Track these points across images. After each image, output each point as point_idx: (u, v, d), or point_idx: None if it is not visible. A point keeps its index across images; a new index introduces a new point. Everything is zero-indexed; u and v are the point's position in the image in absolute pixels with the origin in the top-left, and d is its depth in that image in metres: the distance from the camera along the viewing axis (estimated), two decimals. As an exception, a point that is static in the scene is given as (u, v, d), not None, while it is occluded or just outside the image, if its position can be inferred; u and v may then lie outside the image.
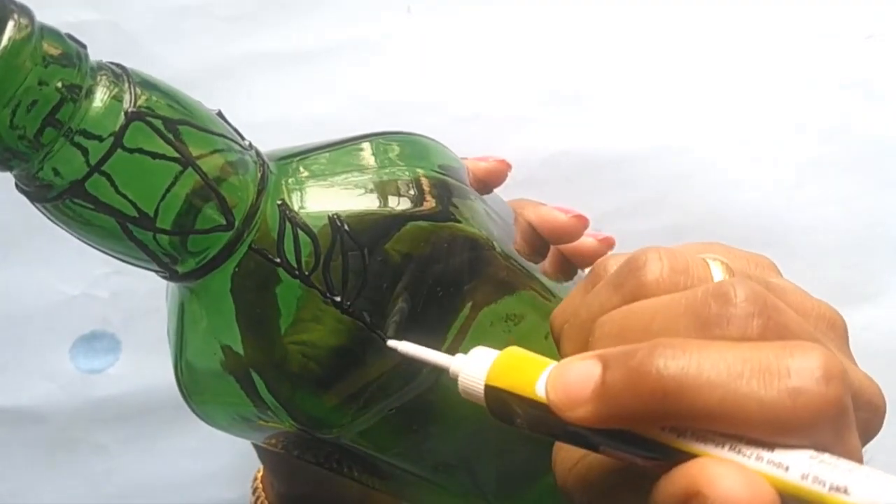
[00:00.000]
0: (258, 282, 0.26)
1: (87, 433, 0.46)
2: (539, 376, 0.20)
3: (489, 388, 0.21)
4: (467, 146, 0.43)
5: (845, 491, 0.16)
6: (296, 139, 0.44)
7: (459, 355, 0.22)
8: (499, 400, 0.21)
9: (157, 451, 0.46)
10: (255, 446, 0.37)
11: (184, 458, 0.46)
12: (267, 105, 0.44)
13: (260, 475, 0.41)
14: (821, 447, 0.17)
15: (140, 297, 0.45)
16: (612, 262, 0.23)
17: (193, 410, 0.30)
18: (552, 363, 0.20)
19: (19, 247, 0.45)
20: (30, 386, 0.45)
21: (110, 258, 0.45)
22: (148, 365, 0.44)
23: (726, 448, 0.17)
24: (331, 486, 0.37)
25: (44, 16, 0.23)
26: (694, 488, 0.16)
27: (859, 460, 0.18)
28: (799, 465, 0.17)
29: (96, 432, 0.46)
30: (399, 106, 0.44)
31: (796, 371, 0.17)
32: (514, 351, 0.21)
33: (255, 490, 0.40)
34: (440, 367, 0.23)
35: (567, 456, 0.22)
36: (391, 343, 0.24)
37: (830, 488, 0.16)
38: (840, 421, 0.17)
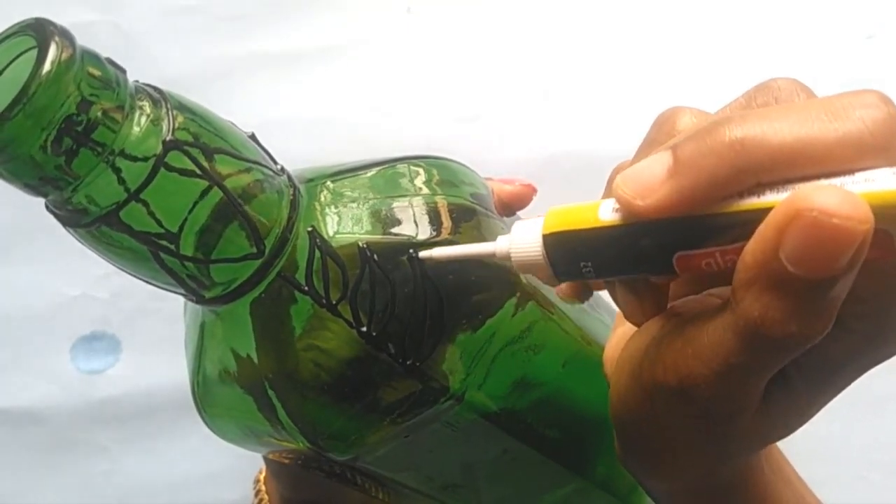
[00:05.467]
0: (277, 302, 0.26)
1: (87, 434, 0.46)
2: (598, 208, 0.19)
3: (549, 238, 0.20)
4: (467, 146, 0.43)
5: None
6: (295, 139, 0.44)
7: (499, 237, 0.22)
8: (561, 246, 0.20)
9: (157, 451, 0.46)
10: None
11: (184, 458, 0.46)
12: (266, 105, 0.44)
13: (262, 476, 0.41)
14: (895, 165, 0.17)
15: (140, 298, 0.45)
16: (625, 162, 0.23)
17: (207, 424, 0.30)
18: (605, 200, 0.20)
19: (19, 247, 0.45)
20: (30, 386, 0.45)
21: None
22: (148, 365, 0.44)
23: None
24: (336, 493, 0.37)
25: (45, 16, 0.22)
26: (791, 211, 0.16)
27: None
28: (884, 177, 0.17)
29: (96, 433, 0.46)
30: (399, 106, 0.44)
31: (859, 103, 0.17)
32: (559, 207, 0.21)
33: (257, 492, 0.40)
34: (484, 256, 0.22)
35: (634, 351, 0.21)
36: (423, 254, 0.23)
37: None
38: None
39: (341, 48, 0.44)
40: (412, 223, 0.26)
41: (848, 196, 0.16)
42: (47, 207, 0.23)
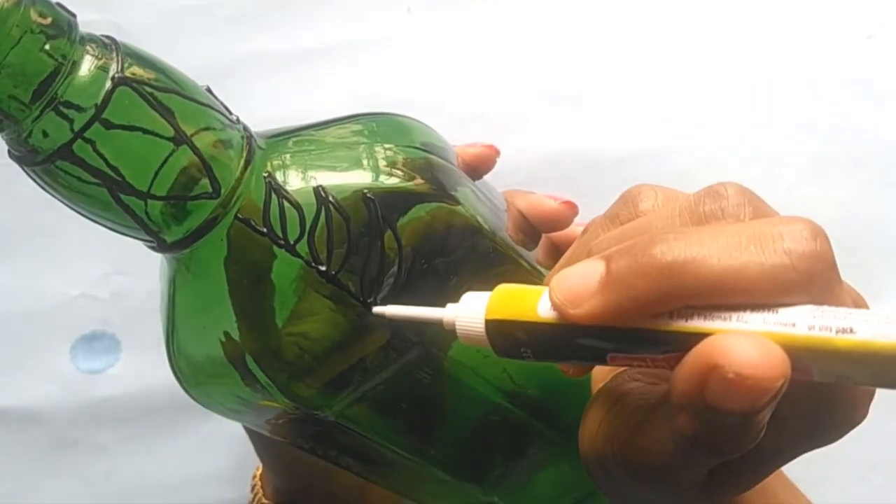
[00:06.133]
0: (252, 261, 0.26)
1: (87, 433, 0.46)
2: (538, 300, 0.20)
3: (490, 323, 0.21)
4: (467, 146, 0.43)
5: (851, 331, 0.17)
6: (296, 139, 0.44)
7: (450, 305, 0.22)
8: (502, 333, 0.21)
9: (157, 451, 0.46)
10: (253, 442, 0.37)
11: (184, 458, 0.46)
12: (267, 105, 0.44)
13: (259, 473, 0.41)
14: (817, 302, 0.18)
15: (140, 298, 0.45)
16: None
17: (184, 389, 0.30)
18: (545, 293, 0.20)
19: (19, 247, 0.45)
20: (30, 386, 0.45)
21: (110, 258, 0.45)
22: (148, 365, 0.44)
23: (733, 320, 0.18)
24: (326, 481, 0.37)
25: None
26: (710, 363, 0.17)
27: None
28: (804, 319, 0.17)
29: (96, 432, 0.46)
30: (399, 106, 0.44)
31: (788, 233, 0.18)
32: (506, 286, 0.22)
33: (253, 487, 0.41)
34: (432, 321, 0.23)
35: (591, 425, 0.23)
36: (376, 310, 0.25)
37: (837, 331, 0.17)
38: (831, 273, 0.18)
39: (341, 48, 0.44)
40: (366, 169, 0.27)
41: (764, 352, 0.17)
42: (9, 153, 0.24)
